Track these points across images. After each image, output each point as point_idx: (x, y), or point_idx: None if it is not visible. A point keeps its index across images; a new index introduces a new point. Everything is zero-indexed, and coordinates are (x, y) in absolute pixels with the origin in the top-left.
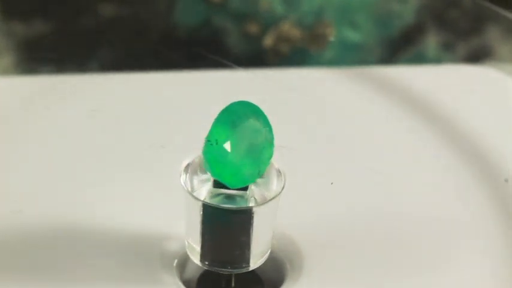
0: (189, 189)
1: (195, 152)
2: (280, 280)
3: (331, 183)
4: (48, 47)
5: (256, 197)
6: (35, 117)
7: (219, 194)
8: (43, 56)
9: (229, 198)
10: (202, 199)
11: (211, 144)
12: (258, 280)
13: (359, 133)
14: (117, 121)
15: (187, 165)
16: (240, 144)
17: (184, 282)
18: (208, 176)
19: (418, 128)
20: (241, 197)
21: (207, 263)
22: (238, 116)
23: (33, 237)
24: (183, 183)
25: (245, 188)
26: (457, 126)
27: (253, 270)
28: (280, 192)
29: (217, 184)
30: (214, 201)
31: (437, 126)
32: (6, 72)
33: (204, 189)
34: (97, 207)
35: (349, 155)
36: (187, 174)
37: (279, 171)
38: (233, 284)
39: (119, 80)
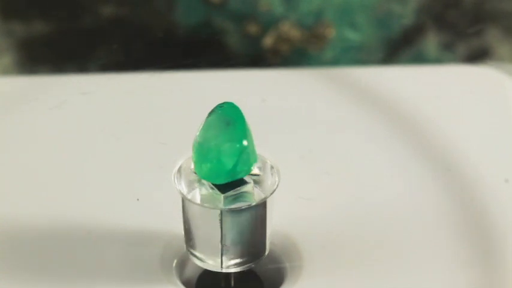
0: (181, 186)
1: None
2: (280, 280)
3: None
4: (48, 47)
5: (256, 199)
6: (35, 116)
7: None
8: (43, 56)
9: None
10: (189, 197)
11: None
12: (258, 280)
13: (358, 133)
14: (117, 121)
15: (181, 165)
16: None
17: (184, 282)
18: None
19: (418, 127)
20: (218, 197)
21: (190, 255)
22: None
23: (33, 237)
24: (175, 179)
25: (224, 191)
26: (457, 126)
27: (253, 271)
28: (252, 204)
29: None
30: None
31: (437, 126)
32: (6, 72)
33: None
34: (96, 208)
35: (348, 155)
36: (183, 173)
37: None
38: (232, 284)
39: (118, 80)
